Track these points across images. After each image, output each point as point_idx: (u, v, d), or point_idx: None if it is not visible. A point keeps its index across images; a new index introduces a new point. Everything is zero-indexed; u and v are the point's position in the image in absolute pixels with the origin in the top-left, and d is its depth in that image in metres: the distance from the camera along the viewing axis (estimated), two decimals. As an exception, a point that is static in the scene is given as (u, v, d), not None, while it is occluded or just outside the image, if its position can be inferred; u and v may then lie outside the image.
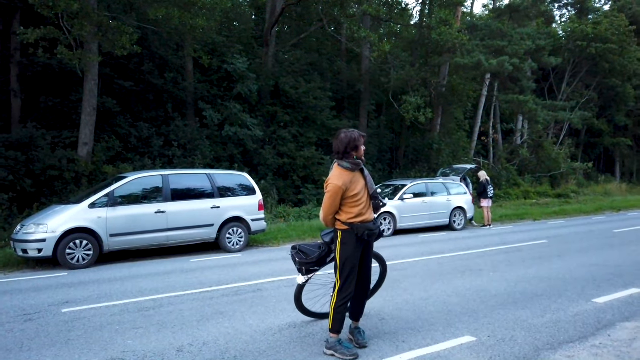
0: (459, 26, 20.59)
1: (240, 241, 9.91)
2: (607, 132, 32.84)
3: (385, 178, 19.15)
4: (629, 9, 32.28)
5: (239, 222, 9.91)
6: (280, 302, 5.60)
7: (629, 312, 5.00)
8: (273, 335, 4.46)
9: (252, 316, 5.07)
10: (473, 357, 3.82)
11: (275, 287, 6.44)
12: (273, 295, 5.95)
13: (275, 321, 4.88)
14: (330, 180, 3.90)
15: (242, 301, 5.71)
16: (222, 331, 4.59)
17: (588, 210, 18.47)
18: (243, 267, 8.00)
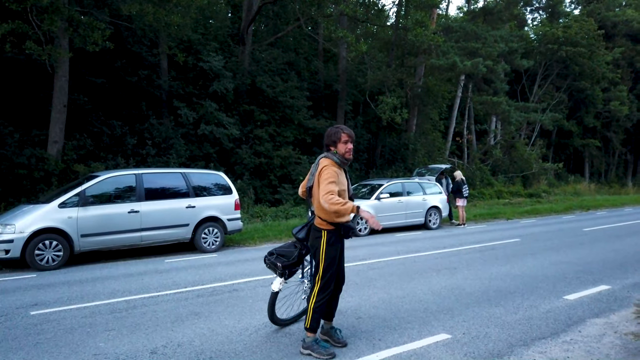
0: (435, 28, 20.84)
1: (216, 241, 9.79)
2: (577, 133, 33.75)
3: (362, 178, 19.24)
4: (598, 14, 33.28)
5: (214, 221, 9.79)
6: (257, 302, 5.55)
7: (599, 308, 5.14)
8: (249, 335, 4.41)
9: (228, 316, 5.01)
10: (448, 354, 3.86)
11: (251, 287, 6.39)
12: (249, 295, 5.90)
13: (251, 321, 4.83)
14: (322, 163, 3.79)
15: (217, 301, 5.64)
16: (197, 332, 4.52)
17: (559, 210, 18.95)
18: (219, 267, 7.91)
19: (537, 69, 30.87)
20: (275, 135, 17.86)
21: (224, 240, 10.03)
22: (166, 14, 13.09)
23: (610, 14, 33.86)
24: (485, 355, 3.85)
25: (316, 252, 3.93)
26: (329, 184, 3.66)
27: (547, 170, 28.00)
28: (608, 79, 32.55)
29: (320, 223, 3.89)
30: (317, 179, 3.79)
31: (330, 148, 3.93)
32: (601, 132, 35.41)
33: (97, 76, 14.91)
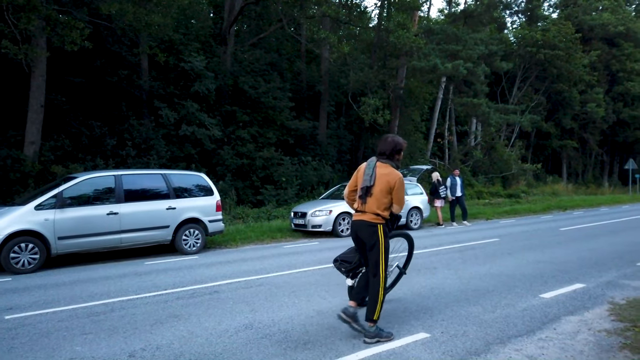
0: (416, 30, 21.05)
1: (197, 243, 9.72)
2: (555, 135, 34.41)
3: (345, 179, 19.29)
4: (575, 17, 33.99)
5: (195, 223, 9.72)
6: (237, 304, 5.53)
7: (573, 306, 5.25)
8: (229, 337, 4.39)
9: (208, 318, 4.99)
10: (426, 353, 3.91)
11: (233, 288, 6.36)
12: (230, 297, 5.87)
13: (231, 323, 4.81)
14: (396, 175, 4.25)
15: (197, 304, 5.60)
16: (177, 334, 4.49)
17: (537, 210, 19.28)
18: (199, 269, 7.85)
19: (516, 72, 31.40)
20: (257, 136, 17.80)
21: (205, 242, 9.98)
22: (146, 14, 12.97)
23: (587, 18, 34.61)
24: (463, 353, 3.90)
25: (375, 245, 4.21)
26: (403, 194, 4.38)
27: (526, 171, 28.48)
28: (585, 81, 33.27)
29: (375, 219, 4.22)
30: (388, 186, 4.22)
31: (397, 157, 4.39)
32: (578, 133, 36.16)
33: (76, 76, 14.69)
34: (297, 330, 4.55)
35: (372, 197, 4.24)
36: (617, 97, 36.59)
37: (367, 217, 4.26)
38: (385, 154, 4.34)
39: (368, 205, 4.26)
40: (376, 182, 4.23)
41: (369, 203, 4.26)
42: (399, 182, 4.25)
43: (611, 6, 36.80)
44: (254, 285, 6.50)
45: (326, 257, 8.73)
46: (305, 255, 9.22)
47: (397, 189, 4.25)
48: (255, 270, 7.65)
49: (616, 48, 36.01)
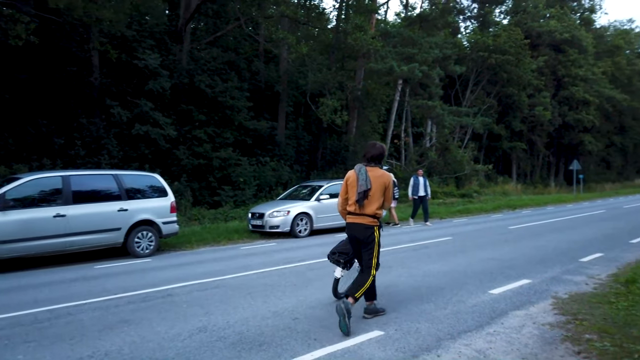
0: (373, 32, 21.32)
1: (150, 245, 9.47)
2: (505, 137, 35.73)
3: (304, 179, 19.32)
4: (524, 24, 35.43)
5: (149, 225, 9.47)
6: (192, 307, 5.43)
7: (520, 301, 5.47)
8: (182, 341, 4.31)
9: (160, 322, 4.87)
10: (380, 351, 3.97)
11: (187, 291, 6.24)
12: (184, 300, 5.76)
13: (185, 326, 4.72)
14: (388, 176, 4.80)
15: (150, 307, 5.46)
16: (127, 340, 4.36)
17: (488, 209, 19.97)
18: (152, 272, 7.66)
19: (469, 75, 32.40)
20: (214, 136, 17.54)
21: (158, 244, 9.73)
22: (97, 9, 12.52)
23: (535, 25, 36.15)
24: (415, 349, 3.99)
25: (371, 244, 4.77)
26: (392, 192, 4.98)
27: (478, 172, 29.43)
28: (533, 85, 34.74)
29: (372, 222, 4.75)
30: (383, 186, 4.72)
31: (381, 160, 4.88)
32: (527, 135, 37.72)
33: (21, 72, 13.98)
34: (252, 331, 4.52)
35: (370, 199, 4.70)
36: (563, 101, 38.44)
37: (365, 220, 4.74)
38: (375, 158, 4.81)
39: (367, 207, 4.72)
40: (373, 185, 4.68)
41: (367, 205, 4.71)
42: (391, 182, 4.85)
43: (557, 14, 38.62)
44: (209, 288, 6.40)
45: (284, 258, 8.73)
46: (262, 256, 9.17)
47: (389, 188, 4.83)
48: (210, 272, 7.54)
49: (562, 54, 37.85)
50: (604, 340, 4.10)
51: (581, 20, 44.56)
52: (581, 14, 46.03)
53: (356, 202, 4.71)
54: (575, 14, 44.76)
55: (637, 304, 5.11)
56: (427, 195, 14.71)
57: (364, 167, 4.76)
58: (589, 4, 47.31)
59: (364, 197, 4.68)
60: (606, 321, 4.63)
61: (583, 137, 40.05)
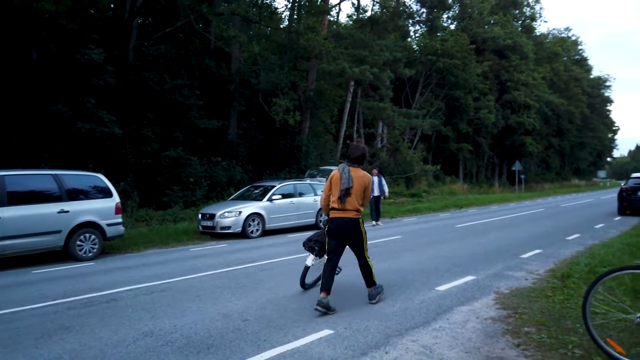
0: (325, 34, 21.46)
1: (93, 248, 9.08)
2: (453, 138, 36.97)
3: (256, 179, 19.16)
4: (470, 30, 36.82)
5: (92, 227, 9.08)
6: (137, 312, 5.25)
7: (464, 297, 5.67)
8: (127, 346, 4.16)
9: (103, 328, 4.67)
10: (330, 349, 3.99)
11: (132, 295, 6.03)
12: (129, 305, 5.56)
13: (129, 332, 4.55)
14: (368, 177, 5.34)
15: (92, 313, 5.23)
16: (67, 347, 4.15)
17: (436, 208, 20.58)
18: (96, 276, 7.34)
19: (418, 78, 33.28)
20: (163, 135, 17.05)
21: (102, 247, 9.35)
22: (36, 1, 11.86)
23: (480, 31, 37.64)
24: (364, 347, 4.04)
25: (358, 235, 5.26)
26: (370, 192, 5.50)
27: (427, 172, 30.29)
28: (478, 89, 36.17)
29: (356, 215, 5.22)
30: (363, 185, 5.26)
31: (363, 161, 5.38)
32: (473, 137, 39.20)
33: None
34: (200, 334, 4.43)
35: (352, 196, 5.17)
36: (506, 104, 40.24)
37: (348, 214, 5.19)
38: (359, 159, 5.34)
39: (348, 203, 5.17)
40: (354, 183, 5.17)
41: (348, 201, 5.17)
42: (370, 182, 5.39)
43: (501, 21, 40.37)
44: (156, 291, 6.22)
45: (235, 259, 8.61)
46: (212, 257, 9.01)
47: (369, 188, 5.36)
48: (158, 275, 7.32)
49: (505, 59, 39.63)
50: (541, 332, 4.32)
51: (523, 27, 46.83)
52: (523, 21, 48.36)
53: (338, 198, 5.17)
54: (517, 21, 46.96)
55: (572, 297, 5.41)
56: (382, 195, 14.54)
57: (347, 167, 5.27)
58: (529, 12, 49.82)
59: (346, 195, 5.15)
60: (543, 314, 4.87)
61: (524, 139, 42.10)
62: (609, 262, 6.89)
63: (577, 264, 7.17)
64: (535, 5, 50.68)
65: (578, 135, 56.00)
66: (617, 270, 3.83)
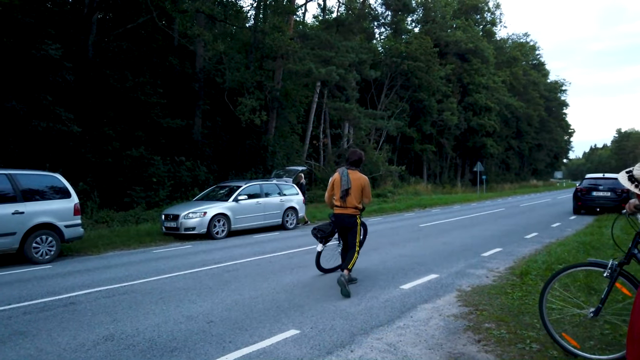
0: (292, 34, 21.42)
1: (50, 250, 8.75)
2: (417, 139, 37.64)
3: (221, 179, 18.93)
4: (434, 33, 37.59)
5: (49, 229, 8.74)
6: (97, 315, 5.10)
7: (428, 295, 5.79)
8: (86, 351, 4.03)
9: (61, 333, 4.51)
10: (296, 349, 4.00)
11: (92, 298, 5.85)
12: (88, 308, 5.39)
13: (89, 336, 4.42)
14: (364, 178, 6.15)
15: (49, 318, 5.04)
16: (22, 353, 3.99)
17: (401, 208, 20.89)
18: (53, 280, 7.08)
19: (384, 80, 33.71)
20: (124, 134, 16.60)
21: (60, 250, 9.03)
22: (-12, -9, 11.32)
23: (443, 34, 38.49)
24: (330, 346, 4.07)
25: (353, 229, 6.12)
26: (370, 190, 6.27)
27: (392, 173, 30.70)
28: (442, 91, 36.97)
29: (354, 212, 6.08)
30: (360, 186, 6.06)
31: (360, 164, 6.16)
32: (436, 138, 40.03)
33: None
34: (164, 337, 4.34)
35: (351, 196, 6.00)
36: (468, 106, 41.31)
37: (348, 210, 6.06)
38: (356, 162, 6.13)
39: (348, 202, 6.03)
40: (352, 185, 5.98)
41: (348, 200, 6.03)
42: (367, 182, 6.14)
43: (463, 25, 41.43)
44: (117, 294, 6.06)
45: (199, 261, 8.49)
46: (176, 259, 8.84)
47: (366, 187, 6.11)
48: (119, 277, 7.13)
49: (467, 63, 40.68)
50: (501, 328, 4.45)
51: (484, 32, 48.18)
52: (484, 26, 49.75)
53: (340, 198, 6.03)
54: (479, 26, 48.29)
55: (530, 294, 5.61)
56: None
57: (346, 170, 6.07)
58: (490, 18, 51.29)
59: (345, 195, 6.00)
60: (503, 311, 5.03)
61: (486, 140, 43.33)
62: (565, 260, 7.18)
63: (535, 261, 7.43)
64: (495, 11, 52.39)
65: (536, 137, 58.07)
66: (572, 268, 4.00)
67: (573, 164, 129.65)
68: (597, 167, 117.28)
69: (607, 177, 17.98)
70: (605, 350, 3.79)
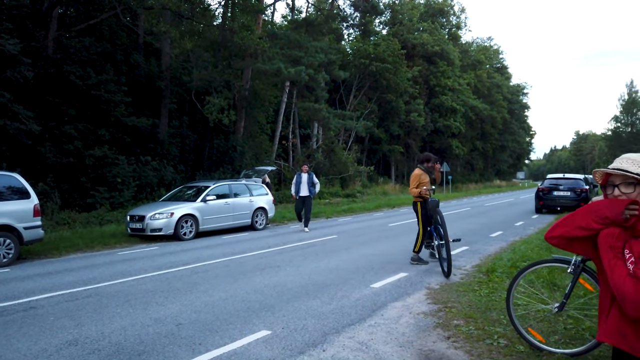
0: (260, 33, 21.26)
1: (8, 253, 8.38)
2: (385, 140, 38.04)
3: (189, 179, 18.61)
4: (401, 35, 38.09)
5: (6, 231, 8.38)
6: (60, 319, 4.91)
7: (398, 293, 5.84)
8: (48, 357, 3.88)
9: (21, 339, 4.32)
10: (267, 350, 3.96)
11: (54, 302, 5.63)
12: (50, 313, 5.19)
13: (52, 341, 4.25)
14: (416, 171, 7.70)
15: (8, 323, 4.82)
16: (-22, 362, 3.80)
17: (370, 208, 21.06)
18: (12, 284, 6.78)
19: (352, 81, 33.91)
20: (87, 133, 16.08)
21: (19, 252, 8.66)
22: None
23: (410, 37, 39.06)
24: (302, 346, 4.05)
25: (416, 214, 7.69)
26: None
27: (361, 173, 30.93)
28: (409, 93, 37.47)
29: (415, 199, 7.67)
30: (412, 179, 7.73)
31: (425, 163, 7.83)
32: (404, 139, 40.57)
33: None
34: (130, 341, 4.22)
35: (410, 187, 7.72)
36: (434, 108, 42.04)
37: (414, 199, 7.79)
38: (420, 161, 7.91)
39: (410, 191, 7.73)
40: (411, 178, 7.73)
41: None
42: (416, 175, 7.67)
43: (429, 28, 42.15)
44: (81, 297, 5.85)
45: (167, 262, 8.31)
46: (142, 261, 8.63)
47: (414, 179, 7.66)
48: (82, 280, 6.90)
49: (433, 65, 41.40)
50: (469, 324, 4.54)
51: (449, 35, 49.16)
52: (449, 29, 50.77)
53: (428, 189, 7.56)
54: (445, 29, 49.22)
55: (497, 290, 5.74)
56: (311, 195, 13.05)
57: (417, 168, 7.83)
58: (455, 21, 52.39)
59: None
60: (471, 307, 5.13)
61: (451, 141, 44.22)
62: (529, 257, 7.39)
63: (500, 259, 7.62)
64: (460, 15, 53.45)
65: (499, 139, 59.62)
66: (537, 264, 4.11)
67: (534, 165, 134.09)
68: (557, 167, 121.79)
69: (567, 177, 18.65)
70: (569, 344, 3.91)
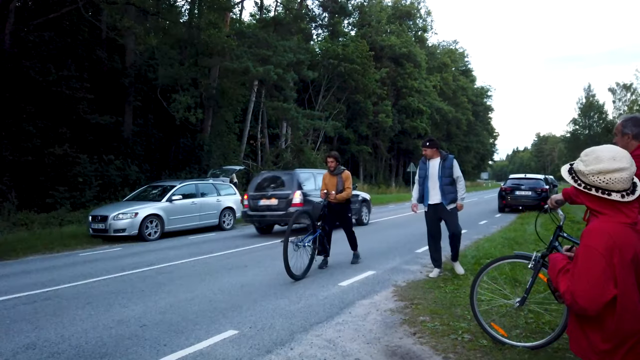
0: (228, 31, 21.03)
1: (-39, 256, 8.00)
2: (353, 140, 38.35)
3: (154, 179, 18.21)
4: (370, 37, 38.49)
5: (-41, 232, 8.00)
6: (16, 323, 4.72)
7: (365, 291, 5.88)
8: (3, 363, 3.72)
9: (-27, 345, 4.13)
10: (234, 350, 3.91)
11: (10, 305, 5.41)
12: (6, 316, 4.98)
13: (8, 345, 4.08)
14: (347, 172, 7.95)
15: (-41, 328, 4.60)
16: None
17: (338, 208, 21.08)
18: (-36, 287, 6.47)
19: (321, 81, 34.02)
20: (47, 130, 15.52)
21: (-27, 254, 8.28)
22: None
23: (378, 38, 39.52)
24: (269, 345, 4.02)
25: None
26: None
27: (330, 173, 30.97)
28: (377, 94, 37.92)
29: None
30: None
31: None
32: (372, 140, 41.00)
33: None
34: (92, 343, 4.09)
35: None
36: (402, 109, 42.68)
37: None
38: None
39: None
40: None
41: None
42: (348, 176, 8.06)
43: (397, 30, 42.76)
44: (39, 300, 5.64)
45: (130, 263, 8.11)
46: (105, 262, 8.39)
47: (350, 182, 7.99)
48: (41, 282, 6.65)
49: (401, 67, 42.00)
50: (435, 320, 4.61)
51: (416, 38, 50.00)
52: (416, 32, 51.62)
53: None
54: (411, 31, 50.01)
55: (461, 287, 5.86)
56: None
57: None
58: (422, 24, 53.28)
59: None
60: (436, 304, 5.22)
61: (418, 142, 44.89)
62: (492, 255, 7.58)
63: (464, 256, 7.79)
64: (427, 18, 54.40)
65: (464, 140, 61.05)
66: (500, 260, 4.22)
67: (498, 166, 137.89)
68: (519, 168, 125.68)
69: (528, 177, 19.26)
70: (529, 338, 4.03)
